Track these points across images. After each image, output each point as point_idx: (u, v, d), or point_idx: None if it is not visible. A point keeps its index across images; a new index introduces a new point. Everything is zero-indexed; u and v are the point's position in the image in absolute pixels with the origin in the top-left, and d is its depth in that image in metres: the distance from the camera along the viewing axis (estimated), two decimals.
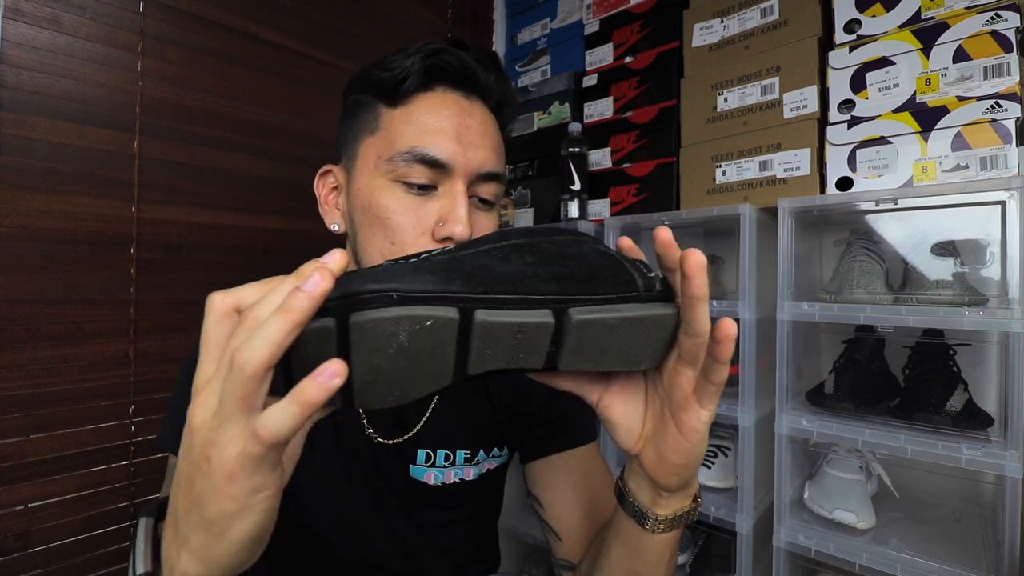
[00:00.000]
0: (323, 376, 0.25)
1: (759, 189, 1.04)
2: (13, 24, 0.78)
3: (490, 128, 0.55)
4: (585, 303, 0.31)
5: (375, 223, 0.52)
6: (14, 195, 0.78)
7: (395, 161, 0.51)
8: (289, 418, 0.26)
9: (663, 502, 0.41)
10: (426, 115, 0.52)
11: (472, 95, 0.55)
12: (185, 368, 0.58)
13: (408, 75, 0.52)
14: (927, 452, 0.78)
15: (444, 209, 0.51)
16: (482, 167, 0.53)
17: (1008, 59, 0.81)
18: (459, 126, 0.52)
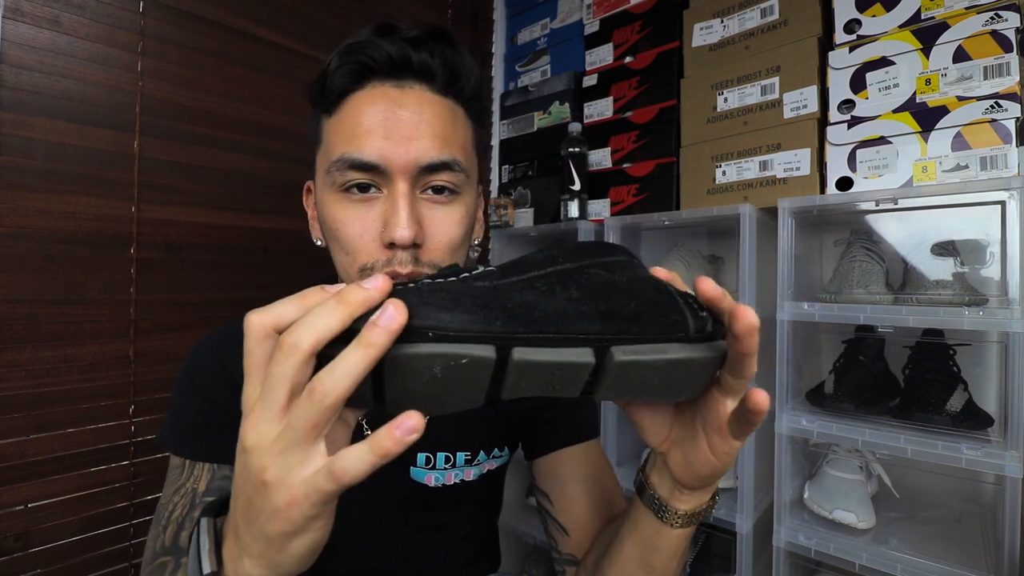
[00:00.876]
0: (400, 431, 0.26)
1: (759, 189, 1.04)
2: (13, 24, 0.78)
3: (431, 113, 0.50)
4: (630, 342, 0.29)
5: (331, 236, 0.51)
6: (14, 195, 0.78)
7: (332, 172, 0.49)
8: (365, 464, 0.26)
9: (684, 498, 0.41)
10: (353, 117, 0.49)
11: (406, 82, 0.50)
12: (187, 368, 0.57)
13: (329, 79, 0.50)
14: (927, 452, 0.78)
15: (387, 213, 0.48)
16: (420, 160, 0.48)
17: (1008, 59, 0.81)
18: (387, 121, 0.48)
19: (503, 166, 1.52)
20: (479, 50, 1.50)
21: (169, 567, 0.47)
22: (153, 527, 0.51)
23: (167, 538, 0.49)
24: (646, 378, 0.30)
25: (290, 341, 0.26)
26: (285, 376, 0.26)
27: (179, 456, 0.54)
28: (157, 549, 0.49)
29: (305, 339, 0.26)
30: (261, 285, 1.04)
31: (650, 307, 0.30)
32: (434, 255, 0.50)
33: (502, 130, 1.53)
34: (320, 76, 0.51)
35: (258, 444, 0.27)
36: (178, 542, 0.49)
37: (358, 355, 0.26)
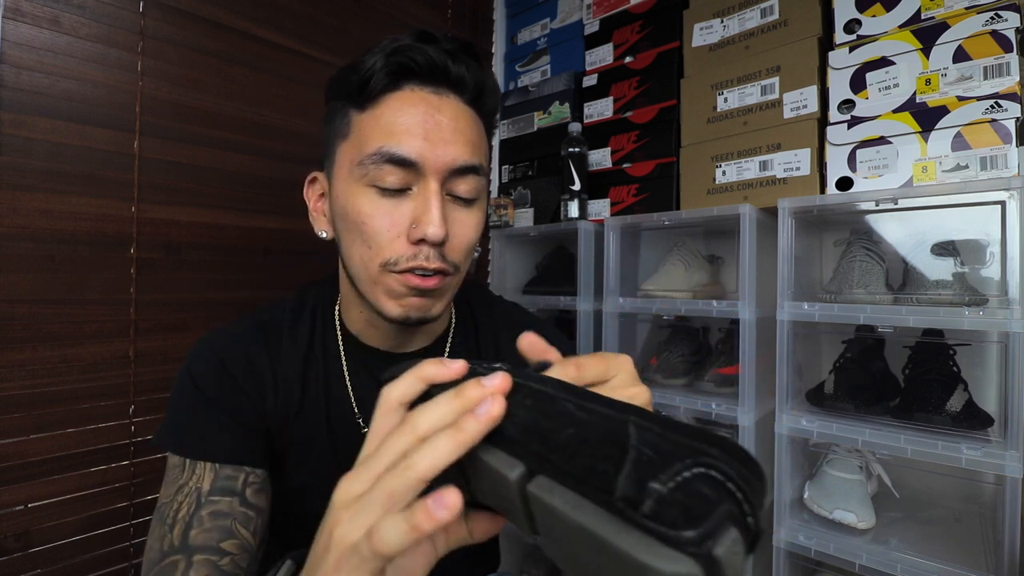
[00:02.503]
0: (434, 503, 0.26)
1: (759, 189, 1.04)
2: (13, 24, 0.78)
3: (464, 122, 0.53)
4: (552, 476, 0.24)
5: (352, 228, 0.52)
6: (14, 195, 0.78)
7: (365, 164, 0.50)
8: (400, 533, 0.27)
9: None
10: (393, 115, 0.51)
11: (443, 90, 0.53)
12: (188, 368, 0.57)
13: (371, 76, 0.51)
14: (927, 452, 0.78)
15: (417, 210, 0.50)
16: (454, 162, 0.51)
17: (1008, 59, 0.81)
18: (427, 123, 0.50)
19: (503, 166, 1.52)
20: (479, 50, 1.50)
21: (180, 566, 0.47)
22: (157, 526, 0.51)
23: (175, 537, 0.49)
24: (564, 541, 0.22)
25: (410, 423, 0.29)
26: (395, 449, 0.29)
27: (179, 456, 0.54)
28: (165, 548, 0.49)
29: (421, 425, 0.28)
30: (261, 285, 1.04)
31: (585, 442, 0.23)
32: (454, 255, 0.53)
33: (502, 130, 1.53)
34: (357, 71, 0.52)
35: (341, 499, 0.29)
36: (187, 540, 0.48)
37: (450, 440, 0.27)
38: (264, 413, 0.57)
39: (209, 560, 0.48)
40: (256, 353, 0.58)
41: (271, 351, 0.59)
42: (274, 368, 0.58)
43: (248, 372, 0.57)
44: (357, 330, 0.61)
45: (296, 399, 0.59)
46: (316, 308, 0.63)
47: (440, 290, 0.53)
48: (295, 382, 0.59)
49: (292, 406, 0.58)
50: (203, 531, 0.49)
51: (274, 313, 0.62)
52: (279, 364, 0.59)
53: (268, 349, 0.59)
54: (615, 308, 1.14)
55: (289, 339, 0.60)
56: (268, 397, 0.58)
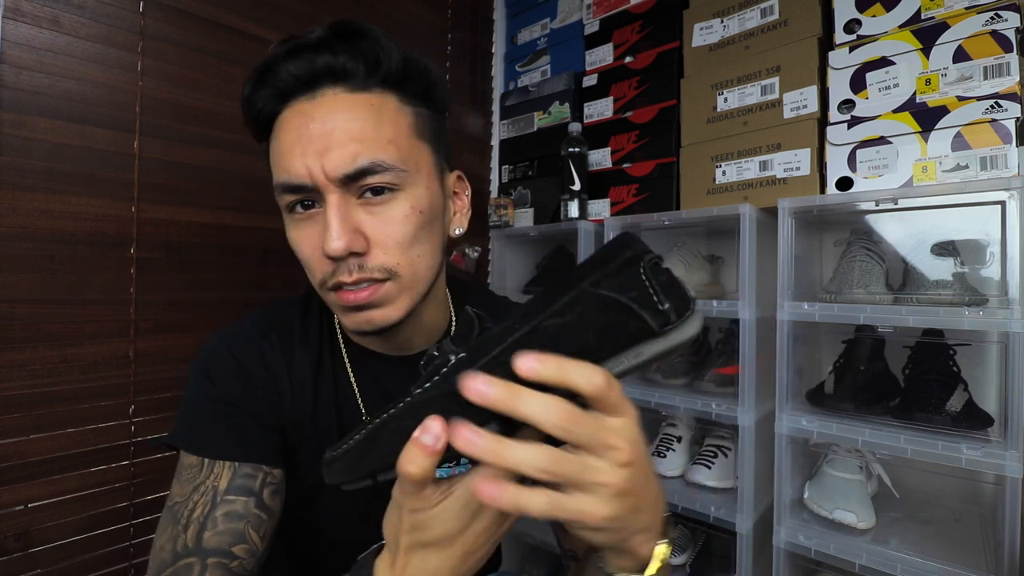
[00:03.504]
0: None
1: (759, 189, 1.04)
2: (13, 24, 0.78)
3: (344, 117, 0.48)
4: (607, 359, 0.32)
5: (297, 256, 0.53)
6: (14, 195, 0.78)
7: (277, 197, 0.51)
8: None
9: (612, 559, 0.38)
10: (278, 142, 0.50)
11: (319, 91, 0.49)
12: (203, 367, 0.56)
13: (250, 112, 0.51)
14: (927, 452, 0.78)
15: (322, 227, 0.48)
16: (337, 171, 0.47)
17: (1008, 59, 0.81)
18: (300, 138, 0.48)
19: (503, 166, 1.52)
20: (479, 50, 1.50)
21: (196, 569, 0.46)
22: (169, 526, 0.50)
23: (189, 538, 0.48)
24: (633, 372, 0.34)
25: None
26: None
27: (196, 455, 0.53)
28: (179, 550, 0.48)
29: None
30: (261, 285, 1.04)
31: (608, 331, 0.31)
32: (381, 259, 0.49)
33: (502, 130, 1.53)
34: (242, 106, 0.52)
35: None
36: (202, 543, 0.48)
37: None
38: (281, 412, 0.57)
39: (221, 563, 0.48)
40: (271, 353, 0.57)
41: (284, 351, 0.58)
42: (289, 368, 0.58)
43: (264, 371, 0.57)
44: (353, 336, 0.61)
45: (310, 401, 0.58)
46: (322, 310, 0.63)
47: (380, 299, 0.50)
48: (309, 384, 0.58)
49: (306, 408, 0.58)
50: (216, 534, 0.49)
51: (284, 314, 0.61)
52: (293, 365, 0.58)
53: (282, 349, 0.58)
54: None
55: (301, 340, 0.60)
56: (285, 396, 0.57)
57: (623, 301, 0.31)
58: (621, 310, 0.31)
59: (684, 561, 1.09)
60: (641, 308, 0.31)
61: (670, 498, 1.02)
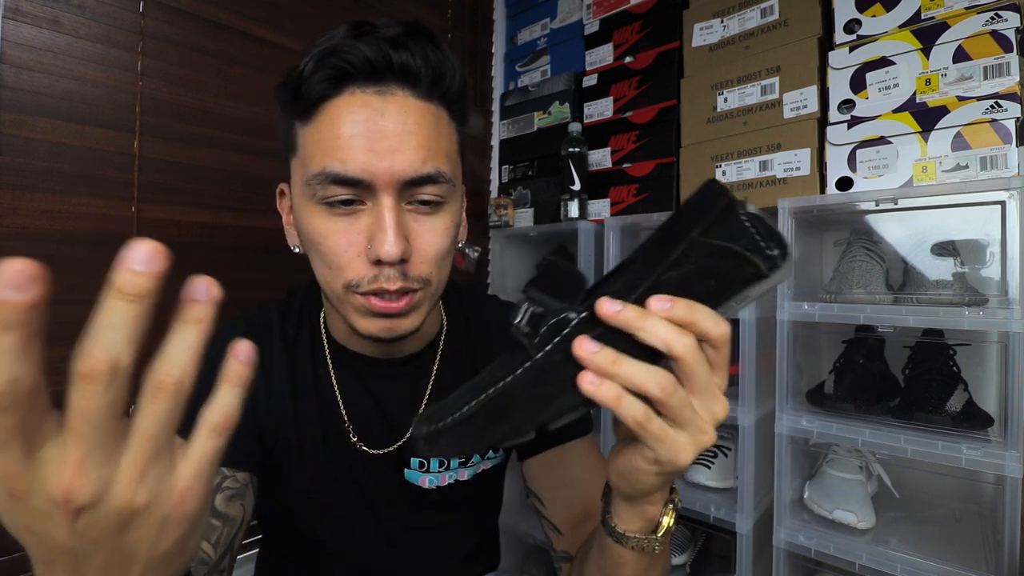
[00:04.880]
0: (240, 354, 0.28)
1: (759, 189, 1.04)
2: (13, 24, 0.78)
3: (414, 122, 0.47)
4: (725, 302, 0.33)
5: (312, 248, 0.49)
6: (14, 195, 0.78)
7: (312, 185, 0.46)
8: (231, 397, 0.29)
9: (625, 516, 0.41)
10: (332, 128, 0.46)
11: (388, 87, 0.47)
12: None
13: (303, 83, 0.46)
14: (927, 452, 0.78)
15: (372, 227, 0.46)
16: (405, 173, 0.46)
17: (1008, 59, 0.81)
18: (370, 132, 0.45)
19: (503, 166, 1.52)
20: (479, 50, 1.50)
21: None
22: None
23: None
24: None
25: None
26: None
27: None
28: None
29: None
30: (261, 285, 1.04)
31: (726, 277, 0.33)
32: (421, 269, 0.49)
33: (502, 130, 1.53)
34: (292, 80, 0.47)
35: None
36: None
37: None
38: (255, 417, 0.57)
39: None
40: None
41: (261, 355, 0.58)
42: (265, 372, 0.58)
43: None
44: (341, 339, 0.60)
45: (287, 404, 0.58)
46: (303, 312, 0.62)
47: (411, 308, 0.49)
48: (286, 387, 0.58)
49: (284, 411, 0.58)
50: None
51: (263, 316, 0.61)
52: (270, 368, 0.58)
53: (258, 352, 0.58)
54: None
55: (279, 343, 0.59)
56: (259, 400, 0.57)
57: (736, 249, 0.33)
58: (736, 257, 0.33)
59: (684, 561, 1.09)
60: (753, 254, 0.32)
61: None
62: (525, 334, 0.33)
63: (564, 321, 0.32)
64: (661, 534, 0.41)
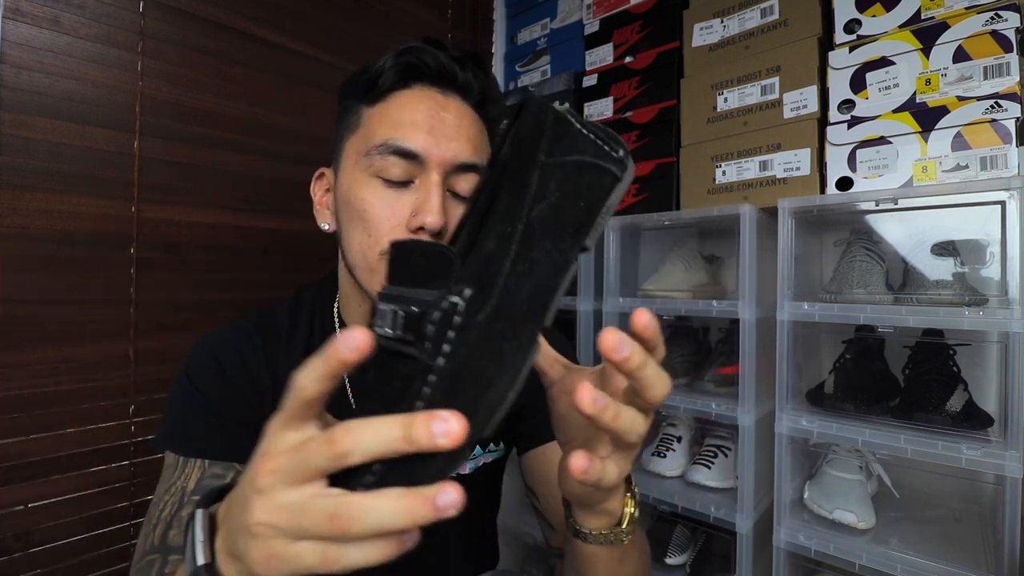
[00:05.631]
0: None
1: (759, 189, 1.04)
2: (13, 24, 0.78)
3: (467, 121, 0.55)
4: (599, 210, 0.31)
5: (354, 216, 0.53)
6: (14, 195, 0.78)
7: (371, 155, 0.52)
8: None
9: (583, 514, 0.42)
10: (400, 110, 0.53)
11: (449, 92, 0.55)
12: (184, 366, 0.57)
13: (381, 74, 0.54)
14: (927, 452, 0.78)
15: (418, 201, 0.52)
16: (456, 158, 0.53)
17: (1008, 59, 0.81)
18: (432, 119, 0.52)
19: None
20: (479, 50, 1.50)
21: (156, 565, 0.47)
22: (145, 525, 0.51)
23: (156, 536, 0.49)
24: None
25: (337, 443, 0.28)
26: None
27: (173, 453, 0.54)
28: (147, 547, 0.49)
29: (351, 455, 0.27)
30: (261, 285, 1.04)
31: (590, 193, 0.30)
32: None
33: None
34: (368, 71, 0.55)
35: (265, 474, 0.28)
36: (166, 540, 0.49)
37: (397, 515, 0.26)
38: (260, 412, 0.57)
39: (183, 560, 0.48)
40: (252, 353, 0.58)
41: (268, 352, 0.59)
42: (272, 368, 0.58)
43: (244, 372, 0.57)
44: (358, 323, 0.61)
45: None
46: (314, 309, 0.63)
47: None
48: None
49: None
50: (181, 532, 0.49)
51: (271, 314, 0.62)
52: (277, 364, 0.59)
53: (265, 350, 0.59)
54: (615, 308, 1.13)
55: (287, 338, 0.60)
56: (265, 397, 0.58)
57: (589, 160, 0.30)
58: (592, 168, 0.30)
59: (684, 561, 1.09)
60: (604, 161, 0.30)
61: (670, 498, 1.02)
62: (407, 342, 0.27)
63: (450, 311, 0.27)
64: (626, 525, 0.42)
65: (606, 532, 0.42)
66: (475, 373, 0.27)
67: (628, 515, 0.42)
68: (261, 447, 0.28)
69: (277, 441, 0.28)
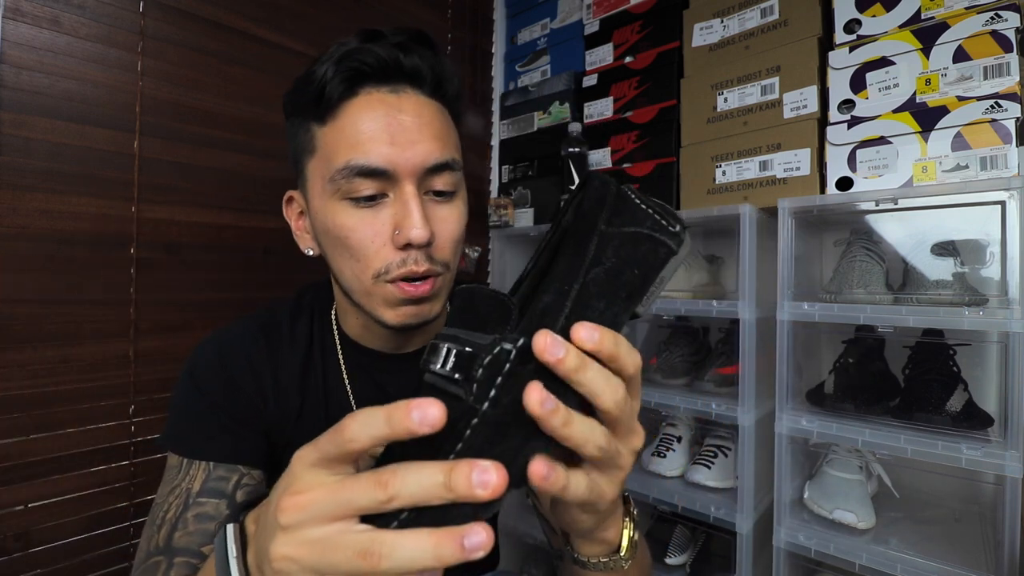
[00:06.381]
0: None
1: (759, 189, 1.04)
2: (13, 24, 0.78)
3: (428, 117, 0.51)
4: (645, 293, 0.33)
5: (337, 244, 0.51)
6: (14, 195, 0.78)
7: (336, 180, 0.49)
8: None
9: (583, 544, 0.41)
10: (354, 124, 0.49)
11: (400, 87, 0.51)
12: (189, 368, 0.57)
13: (325, 86, 0.49)
14: (927, 452, 0.78)
15: (398, 215, 0.49)
16: (426, 162, 0.49)
17: (1008, 59, 0.81)
18: (390, 126, 0.49)
19: (503, 166, 1.52)
20: (479, 50, 1.50)
21: (162, 567, 0.47)
22: (147, 527, 0.51)
23: (160, 538, 0.49)
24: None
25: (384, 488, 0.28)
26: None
27: (177, 455, 0.54)
28: (151, 549, 0.49)
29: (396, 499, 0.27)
30: (261, 285, 1.04)
31: (645, 262, 0.32)
32: (443, 253, 0.52)
33: (502, 130, 1.53)
34: (310, 85, 0.50)
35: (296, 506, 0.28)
36: (171, 543, 0.49)
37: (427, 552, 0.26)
38: (265, 415, 0.58)
39: (189, 563, 0.48)
40: (257, 355, 0.58)
41: (272, 354, 0.59)
42: (275, 371, 0.58)
43: (249, 373, 0.57)
44: (355, 334, 0.61)
45: (296, 402, 0.59)
46: (314, 311, 0.63)
47: (434, 292, 0.52)
48: (295, 385, 0.59)
49: (292, 409, 0.58)
50: (186, 534, 0.49)
51: (274, 315, 0.62)
52: (279, 367, 0.59)
53: (269, 352, 0.59)
54: None
55: (288, 342, 0.60)
56: (269, 399, 0.58)
57: (645, 232, 0.32)
58: (648, 240, 0.32)
59: (684, 561, 1.09)
60: (661, 234, 0.32)
61: (670, 498, 1.02)
62: (455, 381, 0.27)
63: (502, 356, 0.28)
64: (625, 552, 0.40)
65: (605, 559, 0.40)
66: (520, 423, 0.27)
67: (627, 541, 0.40)
68: (290, 480, 0.28)
69: (309, 478, 0.28)
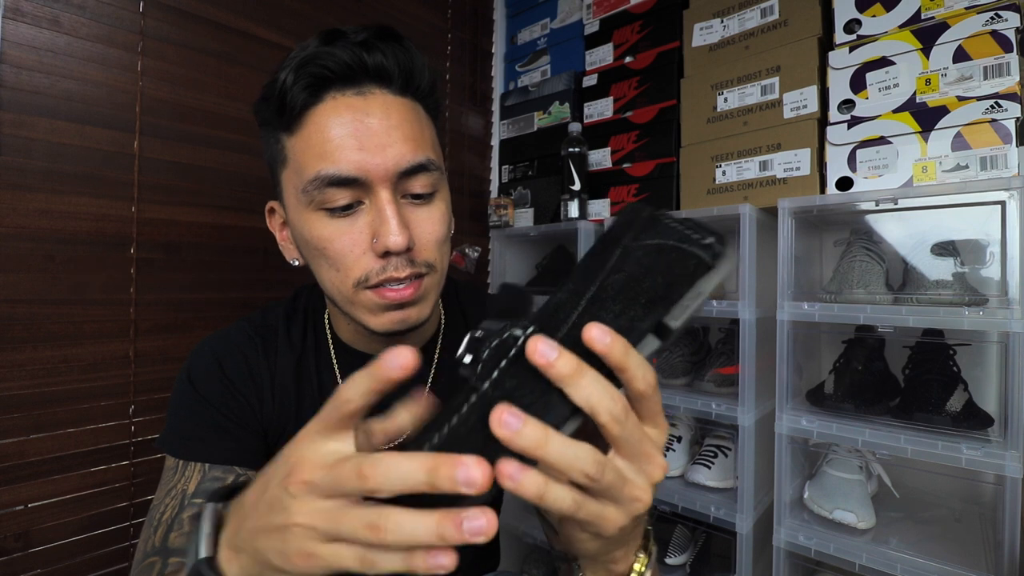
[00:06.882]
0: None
1: (759, 189, 1.04)
2: (13, 24, 0.78)
3: (398, 118, 0.49)
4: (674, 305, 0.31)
5: (317, 255, 0.50)
6: (14, 195, 0.78)
7: (309, 191, 0.48)
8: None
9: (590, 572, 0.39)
10: (321, 134, 0.47)
11: (366, 88, 0.49)
12: (186, 369, 0.58)
13: (287, 93, 0.48)
14: (927, 452, 0.78)
15: (375, 223, 0.48)
16: (398, 165, 0.48)
17: (1008, 59, 0.81)
18: (357, 131, 0.47)
19: (503, 166, 1.52)
20: (479, 50, 1.50)
21: (157, 567, 0.47)
22: (145, 528, 0.51)
23: (156, 539, 0.49)
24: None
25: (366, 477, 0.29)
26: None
27: (174, 457, 0.54)
28: (147, 549, 0.49)
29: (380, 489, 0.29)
30: (261, 285, 1.04)
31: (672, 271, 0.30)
32: (425, 255, 0.51)
33: (502, 130, 1.53)
34: (273, 94, 0.49)
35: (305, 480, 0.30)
36: (167, 543, 0.49)
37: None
38: (261, 417, 0.58)
39: (183, 563, 0.48)
40: (254, 357, 0.58)
41: (268, 355, 0.59)
42: (271, 373, 0.59)
43: (246, 375, 0.57)
44: (347, 338, 0.61)
45: (292, 404, 0.59)
46: (308, 313, 0.63)
47: (420, 295, 0.51)
48: (291, 387, 0.59)
49: (289, 412, 0.59)
50: (181, 535, 0.49)
51: (269, 317, 0.62)
52: (276, 369, 0.59)
53: (266, 354, 0.59)
54: None
55: (284, 344, 0.60)
56: (266, 400, 0.58)
57: (670, 244, 0.31)
58: (673, 251, 0.31)
59: (684, 561, 1.09)
60: (689, 246, 0.30)
61: (670, 498, 1.02)
62: (466, 364, 0.29)
63: (509, 341, 0.29)
64: None
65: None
66: (519, 407, 0.27)
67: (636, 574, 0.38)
68: (295, 451, 0.30)
69: (313, 449, 0.29)
